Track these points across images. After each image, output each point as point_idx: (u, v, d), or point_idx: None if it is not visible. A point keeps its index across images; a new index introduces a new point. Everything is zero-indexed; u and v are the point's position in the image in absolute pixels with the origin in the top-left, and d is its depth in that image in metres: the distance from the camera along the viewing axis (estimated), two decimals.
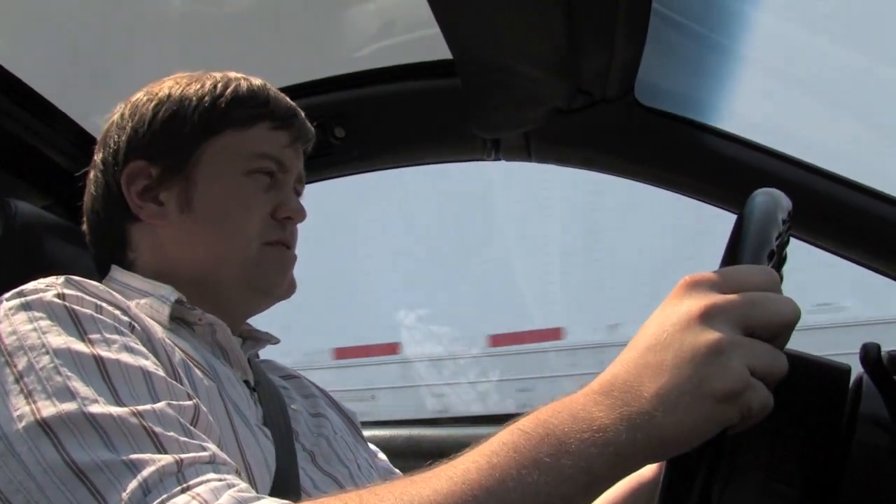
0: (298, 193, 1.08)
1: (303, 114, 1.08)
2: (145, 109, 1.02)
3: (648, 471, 1.01)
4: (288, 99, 1.07)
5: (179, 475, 0.66)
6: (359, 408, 1.24)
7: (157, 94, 1.03)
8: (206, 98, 1.01)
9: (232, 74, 1.05)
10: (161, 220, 1.00)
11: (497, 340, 5.53)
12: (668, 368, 0.59)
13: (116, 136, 1.03)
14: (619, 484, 1.01)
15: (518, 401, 5.32)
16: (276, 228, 1.02)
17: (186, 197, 1.00)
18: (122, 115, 1.04)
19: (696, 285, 0.63)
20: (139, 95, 1.04)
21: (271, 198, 1.02)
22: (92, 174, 1.05)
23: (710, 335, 0.59)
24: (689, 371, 0.58)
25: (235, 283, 1.00)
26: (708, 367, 0.58)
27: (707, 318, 0.60)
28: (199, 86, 1.02)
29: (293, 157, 1.06)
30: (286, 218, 1.03)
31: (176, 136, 1.00)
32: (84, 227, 1.07)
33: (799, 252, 1.01)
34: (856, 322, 4.54)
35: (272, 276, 1.02)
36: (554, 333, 5.41)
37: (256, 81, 1.05)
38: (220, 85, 1.03)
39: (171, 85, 1.04)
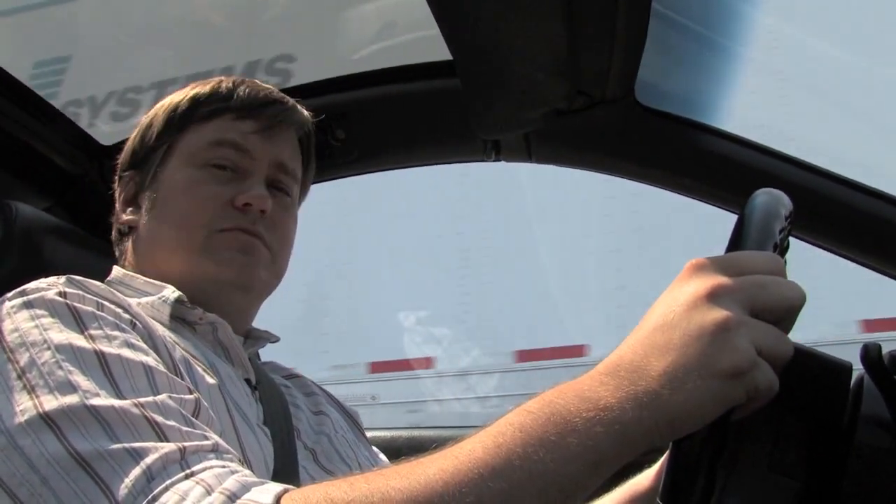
0: (280, 182, 1.05)
1: (291, 102, 1.07)
2: (141, 122, 1.09)
3: (645, 480, 1.00)
4: (270, 91, 1.06)
5: (183, 462, 0.67)
6: None
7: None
8: (175, 101, 1.06)
9: (234, 78, 1.07)
10: (138, 222, 1.05)
11: None
12: (676, 347, 0.59)
13: (123, 151, 1.11)
14: (614, 494, 1.01)
15: None
16: (232, 216, 0.99)
17: (156, 198, 1.03)
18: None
19: (703, 267, 0.63)
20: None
21: (231, 188, 1.01)
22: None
23: (718, 313, 0.59)
24: (696, 349, 0.58)
25: (196, 274, 0.98)
26: (715, 345, 0.58)
27: (714, 297, 0.60)
28: (181, 93, 1.07)
29: (261, 142, 1.03)
30: (246, 205, 1.00)
31: (148, 141, 1.06)
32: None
33: None
34: None
35: (222, 261, 0.98)
36: None
37: (249, 81, 1.07)
38: (193, 89, 1.06)
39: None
